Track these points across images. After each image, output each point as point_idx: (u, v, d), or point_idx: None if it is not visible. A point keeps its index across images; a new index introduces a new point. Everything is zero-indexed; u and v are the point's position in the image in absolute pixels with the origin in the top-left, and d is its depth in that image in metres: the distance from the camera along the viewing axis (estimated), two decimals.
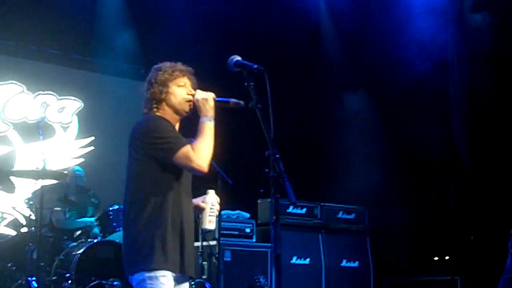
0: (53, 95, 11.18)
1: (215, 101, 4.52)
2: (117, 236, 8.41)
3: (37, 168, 7.63)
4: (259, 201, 9.82)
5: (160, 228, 4.25)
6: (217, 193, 4.74)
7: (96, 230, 8.61)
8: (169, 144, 4.30)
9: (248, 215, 9.83)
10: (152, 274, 4.19)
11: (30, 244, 7.66)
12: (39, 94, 11.06)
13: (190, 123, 4.59)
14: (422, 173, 10.77)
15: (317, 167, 11.46)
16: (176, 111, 4.54)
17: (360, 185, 10.87)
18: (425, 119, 10.38)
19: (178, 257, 4.29)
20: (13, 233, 8.48)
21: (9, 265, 7.80)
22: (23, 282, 7.45)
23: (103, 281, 7.57)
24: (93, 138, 11.32)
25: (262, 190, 4.16)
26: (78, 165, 10.12)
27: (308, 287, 9.90)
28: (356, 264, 10.45)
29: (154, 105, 4.50)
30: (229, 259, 9.16)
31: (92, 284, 7.52)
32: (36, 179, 7.75)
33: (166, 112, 4.53)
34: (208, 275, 8.91)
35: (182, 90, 4.54)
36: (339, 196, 10.66)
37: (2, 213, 9.22)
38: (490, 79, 10.08)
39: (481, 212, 9.98)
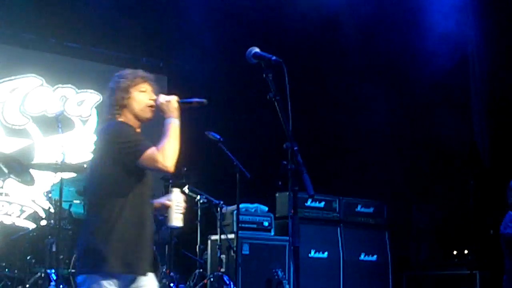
0: (72, 88, 11.21)
1: (179, 103, 4.61)
2: None
3: (56, 161, 7.64)
4: (277, 194, 9.83)
5: (119, 229, 4.33)
6: (233, 187, 4.78)
7: None
8: (134, 148, 4.36)
9: (266, 208, 9.83)
10: (101, 276, 4.27)
11: (50, 237, 7.67)
12: (58, 87, 11.09)
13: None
14: (442, 167, 10.72)
15: (336, 160, 11.42)
16: (138, 117, 4.60)
17: (379, 179, 10.83)
18: (446, 113, 10.32)
19: (142, 259, 4.39)
20: (32, 226, 8.50)
21: (28, 257, 7.81)
22: (43, 275, 7.48)
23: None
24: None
25: (280, 183, 4.15)
26: None
27: (326, 281, 9.90)
28: (374, 258, 10.44)
29: (117, 111, 4.56)
30: (247, 252, 9.17)
31: None
32: (55, 172, 7.77)
33: (128, 118, 4.59)
34: (226, 269, 8.93)
35: (143, 95, 4.61)
36: (358, 190, 10.62)
37: (22, 206, 9.26)
38: None
39: (500, 206, 9.92)
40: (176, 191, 4.80)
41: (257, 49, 4.35)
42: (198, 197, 9.11)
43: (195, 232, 9.33)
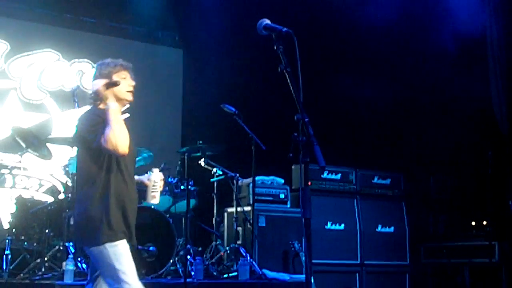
0: (88, 62, 11.25)
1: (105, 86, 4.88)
2: None
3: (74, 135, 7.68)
4: (293, 166, 9.82)
5: (106, 205, 4.66)
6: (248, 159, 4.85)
7: None
8: (92, 135, 4.66)
9: (282, 180, 9.84)
10: (111, 244, 4.62)
11: (67, 210, 7.74)
12: (74, 62, 11.13)
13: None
14: (459, 137, 10.66)
15: (352, 132, 11.40)
16: (119, 100, 4.89)
17: (396, 150, 10.80)
18: (463, 83, 10.24)
19: (124, 228, 4.72)
20: (50, 199, 8.55)
21: (47, 231, 7.87)
22: (61, 248, 7.55)
23: (139, 246, 7.62)
24: (128, 105, 11.33)
25: (291, 155, 4.14)
26: None
27: (343, 252, 9.92)
28: (391, 229, 10.44)
29: (97, 100, 4.92)
30: (263, 224, 9.19)
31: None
32: (72, 146, 7.82)
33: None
34: (242, 241, 8.95)
35: (124, 81, 4.94)
36: (375, 161, 10.60)
37: (40, 180, 9.34)
38: None
39: None
40: (155, 171, 5.21)
41: (267, 21, 4.33)
42: (214, 169, 9.14)
43: (211, 205, 9.37)
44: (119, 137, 4.58)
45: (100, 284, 4.81)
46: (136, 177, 5.11)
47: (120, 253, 4.60)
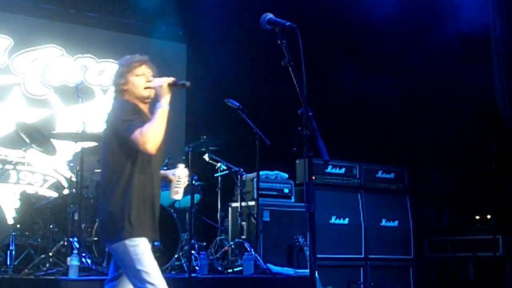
0: (92, 58, 11.26)
1: (169, 85, 4.81)
2: None
3: (77, 130, 7.70)
4: (297, 161, 9.81)
5: (129, 200, 4.67)
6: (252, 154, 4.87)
7: None
8: (123, 127, 4.66)
9: (286, 175, 9.84)
10: (132, 242, 4.63)
11: (72, 205, 7.75)
12: (78, 57, 11.14)
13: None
14: (463, 131, 10.65)
15: (357, 126, 11.38)
16: (138, 98, 4.91)
17: (400, 144, 10.80)
18: (467, 78, 10.23)
19: (149, 224, 4.77)
20: (55, 195, 8.56)
21: (51, 226, 7.87)
22: (65, 243, 7.55)
23: None
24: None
25: (295, 149, 4.14)
26: None
27: (348, 247, 9.92)
28: (395, 223, 10.44)
29: (119, 94, 4.95)
30: (267, 219, 9.19)
31: None
32: (76, 142, 7.83)
33: (131, 98, 4.94)
34: (247, 236, 8.97)
35: (140, 79, 4.91)
36: (379, 156, 10.60)
37: (44, 175, 9.34)
38: None
39: None
40: (181, 167, 5.16)
41: (271, 15, 4.33)
42: (218, 164, 9.14)
43: (215, 200, 9.38)
44: (154, 137, 4.58)
45: (123, 283, 4.85)
46: (161, 172, 5.10)
47: (142, 252, 4.61)
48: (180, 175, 5.11)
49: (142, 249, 4.62)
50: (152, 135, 4.57)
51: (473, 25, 10.10)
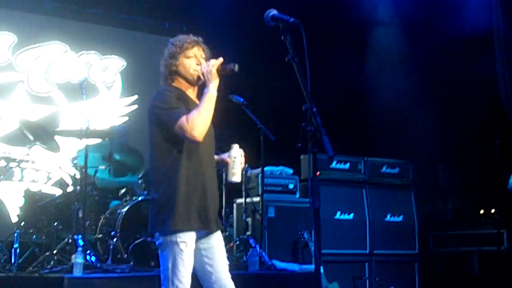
0: (96, 54, 11.24)
1: (218, 70, 4.70)
2: None
3: (81, 127, 7.69)
4: (302, 156, 9.81)
5: (177, 190, 4.54)
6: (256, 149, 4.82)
7: (140, 188, 8.69)
8: (167, 115, 4.57)
9: (291, 171, 9.83)
10: (172, 238, 4.50)
11: (76, 203, 7.71)
12: (82, 54, 11.12)
13: None
14: (467, 125, 10.64)
15: (360, 121, 11.37)
16: (188, 81, 4.84)
17: (404, 139, 10.78)
18: (470, 70, 10.22)
19: (197, 214, 4.59)
20: (59, 192, 8.56)
21: (55, 224, 7.85)
22: (70, 241, 7.53)
23: (148, 238, 7.64)
24: (136, 96, 11.37)
25: (299, 145, 4.14)
26: (122, 123, 10.19)
27: (353, 242, 9.93)
28: (400, 218, 10.44)
29: (168, 77, 4.85)
30: (272, 215, 9.19)
31: (137, 241, 7.58)
32: (81, 139, 7.81)
33: (180, 82, 4.86)
34: (252, 232, 8.95)
35: (191, 61, 4.83)
36: (383, 151, 10.60)
37: (49, 173, 9.34)
38: None
39: None
40: (235, 147, 4.91)
41: (275, 11, 4.33)
42: None
43: (220, 196, 9.35)
44: (200, 123, 4.49)
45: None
46: (215, 156, 4.93)
47: (178, 250, 4.48)
48: (235, 155, 4.85)
49: (180, 246, 4.48)
50: (198, 122, 4.48)
51: (477, 19, 10.09)
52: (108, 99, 11.23)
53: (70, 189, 8.21)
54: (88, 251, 7.27)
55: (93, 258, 7.27)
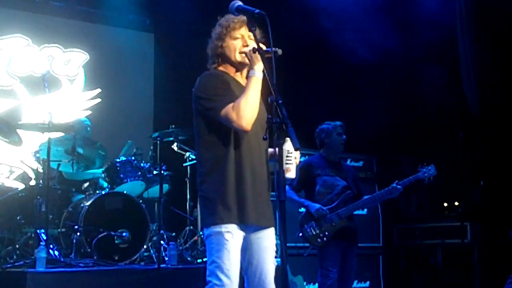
0: (58, 47, 11.15)
1: (260, 52, 4.29)
2: (125, 188, 8.43)
3: (44, 121, 7.61)
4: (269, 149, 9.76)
5: (223, 183, 4.37)
6: None
7: (103, 181, 8.64)
8: (212, 104, 4.37)
9: None
10: (217, 229, 4.33)
11: (39, 197, 7.64)
12: (44, 47, 11.03)
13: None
14: (430, 119, 10.70)
15: (323, 114, 11.37)
16: (233, 64, 4.60)
17: (368, 133, 10.81)
18: (433, 63, 10.27)
19: (245, 207, 4.39)
20: (21, 186, 8.46)
21: (18, 218, 7.78)
22: (32, 235, 7.48)
23: (112, 232, 7.60)
24: (99, 90, 11.29)
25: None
26: (85, 117, 10.11)
27: None
28: (365, 211, 10.45)
29: (215, 60, 4.64)
30: None
31: (100, 235, 7.55)
32: (43, 132, 7.73)
33: (226, 66, 4.64)
34: None
35: (237, 42, 4.56)
36: (347, 144, 10.60)
37: (11, 166, 9.21)
38: (502, 16, 9.87)
39: (490, 157, 9.94)
40: (288, 141, 4.31)
41: (239, 2, 4.31)
42: (187, 154, 9.10)
43: (184, 190, 9.33)
44: (248, 111, 4.27)
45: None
46: (270, 150, 4.63)
47: (223, 242, 4.30)
48: (290, 149, 4.35)
49: (225, 236, 4.29)
50: (246, 110, 4.25)
51: (440, 17, 10.15)
52: (71, 92, 11.15)
53: (32, 183, 8.12)
54: (51, 246, 7.23)
55: (56, 253, 7.22)
